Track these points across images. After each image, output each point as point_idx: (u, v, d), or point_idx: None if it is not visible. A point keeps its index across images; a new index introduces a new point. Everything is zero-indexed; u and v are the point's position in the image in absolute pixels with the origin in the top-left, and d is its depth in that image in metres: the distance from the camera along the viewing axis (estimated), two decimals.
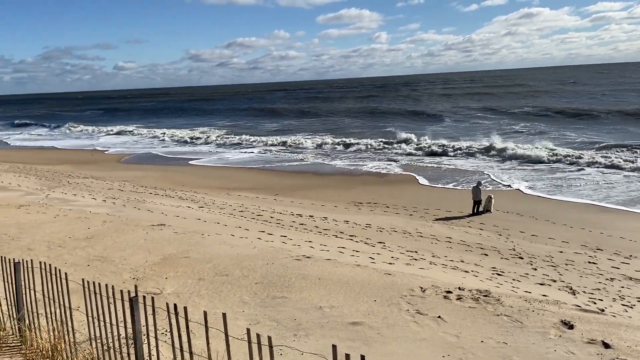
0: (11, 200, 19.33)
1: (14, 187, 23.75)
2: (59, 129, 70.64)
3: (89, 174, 29.84)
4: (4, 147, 51.95)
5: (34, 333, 6.34)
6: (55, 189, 23.52)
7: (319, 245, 13.83)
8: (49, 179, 27.19)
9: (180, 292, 9.11)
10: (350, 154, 37.50)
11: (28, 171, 30.85)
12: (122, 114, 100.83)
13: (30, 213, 16.66)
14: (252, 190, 24.25)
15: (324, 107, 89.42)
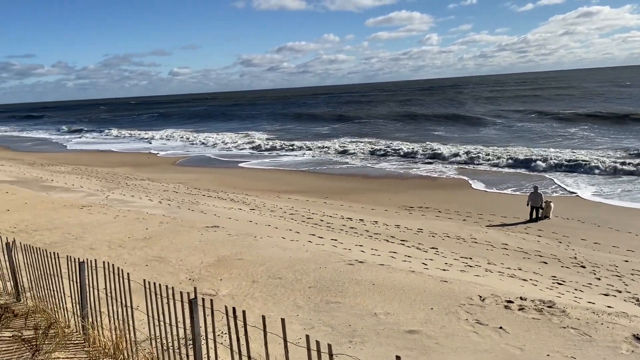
0: (75, 201, 20.22)
1: (77, 188, 24.87)
2: (116, 133, 73.64)
3: (146, 176, 30.84)
4: (66, 150, 54.60)
5: (97, 331, 6.52)
6: (114, 190, 24.44)
7: (370, 249, 13.65)
8: (108, 181, 28.31)
9: (234, 294, 9.17)
10: (399, 158, 37.01)
11: (89, 173, 32.26)
12: (176, 118, 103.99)
13: (92, 213, 17.35)
14: (301, 193, 24.33)
15: (367, 111, 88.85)
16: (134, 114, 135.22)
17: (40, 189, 24.24)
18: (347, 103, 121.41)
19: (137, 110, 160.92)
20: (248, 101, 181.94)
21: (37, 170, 34.12)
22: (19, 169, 34.70)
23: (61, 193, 22.96)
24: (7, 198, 20.52)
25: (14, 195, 21.25)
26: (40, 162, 40.34)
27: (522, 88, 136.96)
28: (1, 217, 16.61)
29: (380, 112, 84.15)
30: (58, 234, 14.33)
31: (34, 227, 15.15)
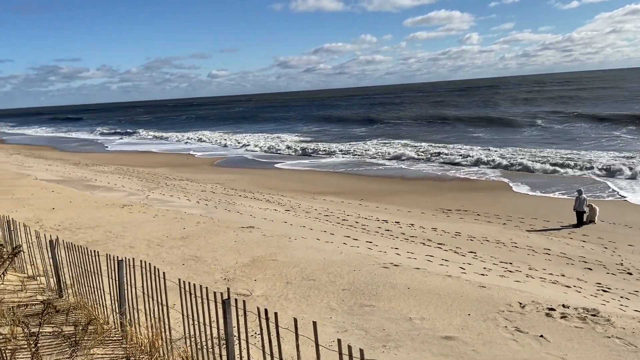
0: (116, 200, 20.80)
1: (119, 187, 25.59)
2: (156, 134, 75.49)
3: (184, 176, 31.46)
4: (108, 150, 56.32)
5: (134, 328, 6.64)
6: (154, 190, 25.01)
7: (406, 252, 13.45)
8: (148, 181, 29.01)
9: (268, 295, 9.19)
10: (436, 160, 36.42)
11: (131, 173, 33.15)
12: (214, 120, 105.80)
13: (133, 212, 17.79)
14: (337, 195, 24.26)
15: (402, 112, 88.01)
16: (174, 115, 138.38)
17: (84, 188, 25.06)
18: (383, 104, 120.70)
19: (176, 112, 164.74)
20: (284, 103, 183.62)
21: (82, 170, 35.32)
22: (65, 168, 36.01)
23: (104, 192, 23.67)
24: (53, 197, 21.30)
25: (59, 194, 22.04)
26: (85, 162, 41.74)
27: (564, 88, 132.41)
28: (47, 215, 17.24)
29: (415, 113, 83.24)
30: (100, 232, 14.75)
31: (78, 225, 15.64)
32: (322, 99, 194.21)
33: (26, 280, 9.20)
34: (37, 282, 9.20)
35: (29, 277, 9.43)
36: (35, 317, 7.05)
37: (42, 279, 9.27)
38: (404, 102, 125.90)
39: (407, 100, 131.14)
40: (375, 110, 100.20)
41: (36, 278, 9.41)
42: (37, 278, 9.40)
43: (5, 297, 7.89)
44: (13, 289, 8.55)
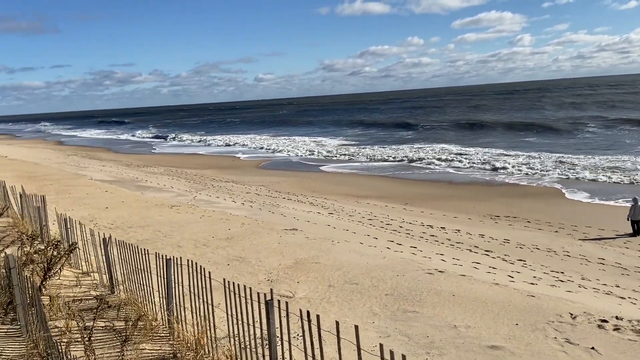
0: (165, 201, 21.45)
1: (168, 188, 26.37)
2: (204, 137, 77.38)
3: (230, 178, 32.07)
4: (158, 152, 58.12)
5: (181, 325, 6.82)
6: (201, 191, 25.63)
7: (452, 259, 13.19)
8: (196, 182, 29.75)
9: (311, 297, 9.23)
10: (484, 164, 35.56)
11: (179, 175, 34.11)
12: (260, 123, 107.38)
13: (181, 213, 18.29)
14: (381, 199, 24.10)
15: (446, 115, 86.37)
16: (221, 118, 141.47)
17: (136, 188, 25.97)
18: (428, 108, 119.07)
19: (223, 115, 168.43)
20: (329, 106, 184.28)
21: (133, 171, 36.63)
22: (118, 169, 37.46)
23: (154, 193, 24.45)
24: (107, 196, 22.19)
25: (112, 194, 22.94)
26: (136, 163, 43.26)
27: (616, 92, 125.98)
28: (101, 214, 17.97)
29: (461, 117, 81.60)
30: (149, 231, 15.24)
31: (129, 224, 16.23)
32: (367, 102, 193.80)
33: (81, 276, 9.62)
34: (91, 278, 9.59)
35: (83, 273, 9.85)
36: (89, 312, 7.36)
37: (95, 275, 9.66)
38: (450, 105, 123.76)
39: (454, 104, 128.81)
40: (420, 114, 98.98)
41: (90, 274, 9.82)
42: (90, 274, 9.81)
43: (61, 291, 8.28)
44: (69, 284, 8.96)
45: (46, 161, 43.19)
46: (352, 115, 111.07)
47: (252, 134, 76.77)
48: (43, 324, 5.60)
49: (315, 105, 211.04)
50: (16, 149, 62.31)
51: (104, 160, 46.02)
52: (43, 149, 62.49)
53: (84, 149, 64.09)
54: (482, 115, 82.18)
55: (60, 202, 18.85)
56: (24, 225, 13.56)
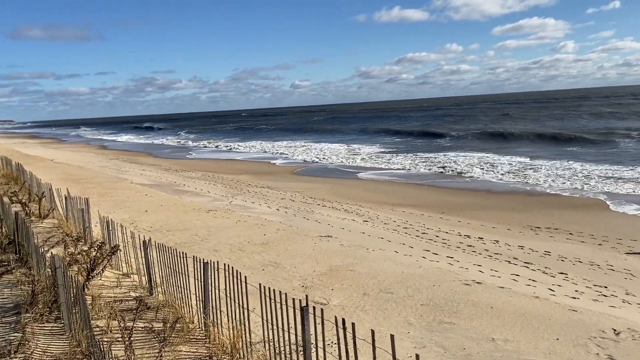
0: (202, 205, 21.83)
1: (205, 193, 26.83)
2: (239, 142, 78.46)
3: (265, 184, 32.36)
4: (196, 157, 59.24)
5: (217, 329, 6.91)
6: (237, 196, 25.96)
7: (489, 270, 12.90)
8: (232, 187, 30.17)
9: (345, 305, 9.19)
10: (524, 173, 34.69)
11: (216, 180, 34.66)
12: (295, 129, 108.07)
13: (217, 217, 18.56)
14: (416, 207, 23.82)
15: (483, 124, 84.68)
16: (257, 124, 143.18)
17: (174, 192, 26.54)
18: (467, 115, 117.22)
19: (259, 121, 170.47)
20: (364, 113, 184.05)
21: (172, 175, 37.45)
22: (157, 173, 38.37)
23: (191, 197, 24.92)
24: (147, 200, 22.76)
25: (152, 198, 23.51)
26: (175, 168, 44.22)
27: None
28: (141, 217, 18.44)
29: (501, 125, 79.90)
30: (187, 235, 15.54)
31: (167, 228, 16.58)
32: (403, 110, 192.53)
33: (121, 277, 9.88)
34: (131, 280, 9.84)
35: (123, 275, 10.12)
36: (129, 312, 7.55)
37: (135, 276, 9.91)
38: (489, 113, 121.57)
39: (494, 112, 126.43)
40: (458, 121, 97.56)
41: (130, 276, 10.07)
42: (130, 276, 10.07)
43: (102, 292, 8.52)
44: (110, 284, 9.22)
45: (89, 165, 44.68)
46: (387, 123, 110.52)
47: (287, 140, 77.40)
48: (86, 323, 5.77)
49: (351, 112, 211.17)
50: (62, 152, 64.74)
51: (143, 165, 47.24)
52: (86, 153, 64.69)
53: (125, 153, 65.98)
54: (514, 124, 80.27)
55: (102, 205, 19.44)
56: (68, 227, 14.06)
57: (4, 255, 11.02)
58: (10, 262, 10.25)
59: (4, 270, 9.94)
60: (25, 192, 19.96)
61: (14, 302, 8.24)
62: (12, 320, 7.48)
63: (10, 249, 11.54)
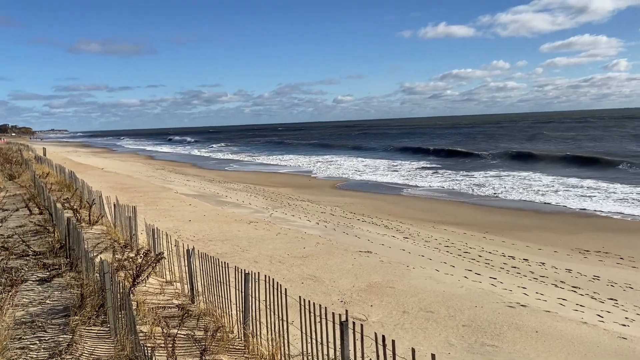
0: (243, 217, 22.14)
1: (246, 205, 27.22)
2: (281, 155, 79.37)
3: (306, 197, 32.53)
4: (237, 169, 60.25)
5: (256, 340, 6.96)
6: (277, 209, 26.20)
7: (535, 293, 12.48)
8: (273, 200, 30.48)
9: (384, 322, 9.09)
10: (575, 194, 33.49)
11: (257, 192, 35.12)
12: (337, 143, 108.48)
13: (258, 229, 18.78)
14: (458, 225, 23.36)
15: (533, 143, 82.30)
16: (299, 137, 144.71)
17: (216, 203, 27.05)
18: (514, 133, 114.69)
19: (301, 134, 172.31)
20: (408, 128, 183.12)
21: (215, 186, 38.21)
22: (201, 184, 39.25)
23: (233, 208, 25.33)
24: (190, 210, 23.29)
25: (195, 208, 24.04)
26: (218, 179, 45.12)
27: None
28: (184, 226, 18.87)
29: (550, 143, 77.67)
30: (228, 245, 15.78)
31: (209, 238, 16.89)
32: (448, 126, 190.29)
33: (164, 284, 10.12)
34: (174, 287, 10.06)
35: (167, 282, 10.36)
36: (171, 319, 7.71)
37: (177, 284, 10.13)
38: (537, 130, 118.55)
39: (542, 129, 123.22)
40: (505, 138, 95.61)
41: (173, 283, 10.30)
42: (173, 283, 10.29)
43: (147, 298, 8.75)
44: (153, 291, 9.45)
45: (137, 174, 46.19)
46: (430, 139, 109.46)
47: (327, 155, 77.79)
48: (131, 328, 5.94)
49: (393, 127, 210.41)
50: (111, 161, 67.24)
51: (188, 175, 48.42)
52: (134, 163, 66.93)
53: (171, 164, 67.87)
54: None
55: (148, 213, 20.03)
56: (115, 233, 14.54)
57: (55, 259, 11.50)
58: (61, 266, 10.68)
59: (55, 273, 10.38)
60: (76, 199, 20.82)
61: (64, 304, 8.57)
62: (61, 322, 7.78)
63: (62, 253, 12.03)
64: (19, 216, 18.09)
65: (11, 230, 15.46)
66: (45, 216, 17.01)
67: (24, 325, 7.64)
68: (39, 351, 6.73)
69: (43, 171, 35.71)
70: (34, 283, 9.87)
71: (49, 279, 10.07)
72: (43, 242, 13.66)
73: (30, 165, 38.18)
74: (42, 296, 9.08)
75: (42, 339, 7.16)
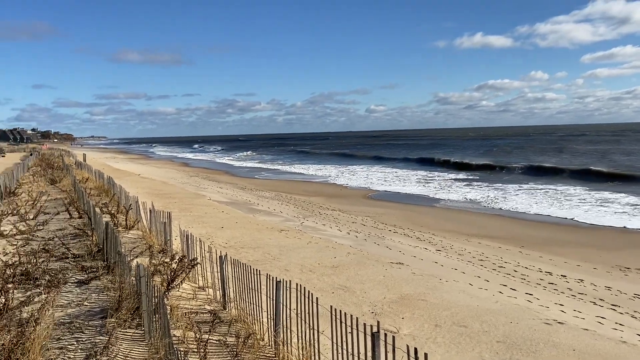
0: (275, 225, 22.27)
1: (277, 213, 27.38)
2: (313, 164, 79.63)
3: (337, 207, 32.50)
4: (270, 178, 60.74)
5: (286, 348, 6.96)
6: (308, 217, 26.26)
7: (572, 310, 12.08)
8: (304, 209, 30.57)
9: (416, 335, 8.95)
10: (615, 209, 32.37)
11: (288, 200, 35.31)
12: (368, 153, 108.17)
13: (289, 237, 18.85)
14: (493, 239, 22.89)
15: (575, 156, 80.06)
16: (331, 146, 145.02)
17: (248, 211, 27.32)
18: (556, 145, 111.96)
19: (333, 143, 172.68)
20: (440, 139, 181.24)
21: (247, 194, 38.61)
22: (233, 191, 39.73)
23: (264, 216, 25.52)
24: (223, 217, 23.59)
25: (228, 215, 24.33)
26: (249, 187, 45.59)
27: None
28: (217, 233, 19.11)
29: (591, 157, 75.42)
30: (260, 253, 15.88)
31: (241, 245, 17.05)
32: (484, 138, 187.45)
33: (197, 290, 10.26)
34: (206, 293, 10.18)
35: (199, 288, 10.49)
36: (203, 324, 7.79)
37: (210, 290, 10.25)
38: (567, 143, 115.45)
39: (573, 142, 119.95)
40: (548, 151, 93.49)
41: (205, 289, 10.43)
42: (205, 289, 10.42)
43: (180, 303, 8.88)
44: (186, 296, 9.59)
45: (172, 180, 47.13)
46: (464, 150, 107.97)
47: (358, 164, 77.67)
48: (166, 332, 6.03)
49: (425, 137, 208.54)
50: (147, 168, 68.85)
51: (220, 182, 49.11)
52: (170, 169, 68.35)
53: (205, 171, 69.00)
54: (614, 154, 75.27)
55: (182, 219, 20.37)
56: (151, 238, 14.85)
57: (93, 262, 11.82)
58: (98, 269, 10.96)
59: (92, 276, 10.66)
60: (114, 203, 21.38)
61: (101, 306, 8.78)
62: (98, 324, 7.97)
63: (99, 256, 12.36)
64: (60, 219, 18.69)
65: (52, 233, 15.99)
66: (84, 220, 17.52)
67: (63, 326, 7.86)
68: (76, 352, 6.91)
69: (83, 176, 36.86)
70: (72, 285, 10.16)
71: (87, 281, 10.36)
72: (82, 245, 14.07)
73: (70, 171, 39.48)
74: (80, 298, 9.34)
75: (80, 339, 7.35)
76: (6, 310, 7.92)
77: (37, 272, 10.55)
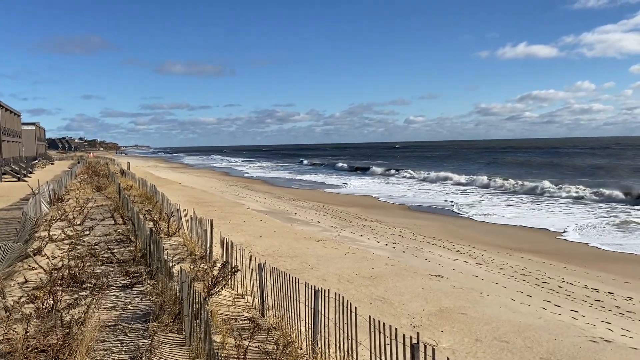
0: (312, 234, 22.34)
1: (315, 222, 27.46)
2: (351, 175, 79.57)
3: (374, 218, 32.32)
4: (305, 187, 61.03)
5: (324, 357, 6.95)
6: (346, 228, 26.21)
7: (620, 329, 11.57)
8: (341, 219, 30.54)
9: (455, 349, 8.78)
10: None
11: (326, 210, 35.36)
12: (408, 164, 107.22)
13: (326, 247, 18.86)
14: (536, 253, 22.23)
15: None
16: (369, 157, 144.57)
17: (286, 220, 27.51)
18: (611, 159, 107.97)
19: (372, 154, 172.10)
20: (482, 150, 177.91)
21: (284, 203, 38.91)
22: (271, 201, 40.11)
23: (302, 226, 25.63)
24: (261, 225, 23.84)
25: (266, 224, 24.57)
26: (287, 196, 45.93)
27: None
28: (255, 241, 19.32)
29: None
30: (297, 262, 15.95)
31: (279, 254, 17.18)
32: (526, 149, 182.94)
33: (236, 297, 10.39)
34: (244, 300, 10.30)
35: (238, 295, 10.63)
36: (241, 331, 7.89)
37: (248, 297, 10.36)
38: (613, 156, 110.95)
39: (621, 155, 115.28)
40: (602, 164, 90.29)
41: (244, 296, 10.55)
42: (244, 296, 10.55)
43: (220, 309, 9.01)
44: (226, 303, 9.73)
45: (212, 189, 48.03)
46: (506, 163, 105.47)
47: (395, 176, 77.18)
48: (206, 337, 6.14)
49: (467, 148, 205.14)
50: (188, 176, 70.44)
51: (259, 192, 49.68)
52: (210, 178, 69.68)
53: (243, 180, 70.04)
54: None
55: (221, 227, 20.71)
56: (192, 245, 15.16)
57: (136, 267, 12.16)
58: (141, 274, 11.27)
59: (136, 280, 10.97)
60: (157, 211, 21.97)
61: (143, 310, 9.02)
62: (140, 327, 8.18)
63: (142, 261, 12.71)
64: (105, 225, 19.35)
65: (98, 238, 16.57)
66: (129, 226, 18.08)
67: (108, 328, 8.11)
68: (120, 354, 7.11)
69: (127, 184, 38.07)
70: (117, 289, 10.48)
71: (131, 285, 10.66)
72: (126, 250, 14.51)
73: (115, 178, 40.85)
74: (124, 301, 9.62)
75: (124, 342, 7.57)
76: (54, 312, 8.24)
77: (83, 275, 10.94)
